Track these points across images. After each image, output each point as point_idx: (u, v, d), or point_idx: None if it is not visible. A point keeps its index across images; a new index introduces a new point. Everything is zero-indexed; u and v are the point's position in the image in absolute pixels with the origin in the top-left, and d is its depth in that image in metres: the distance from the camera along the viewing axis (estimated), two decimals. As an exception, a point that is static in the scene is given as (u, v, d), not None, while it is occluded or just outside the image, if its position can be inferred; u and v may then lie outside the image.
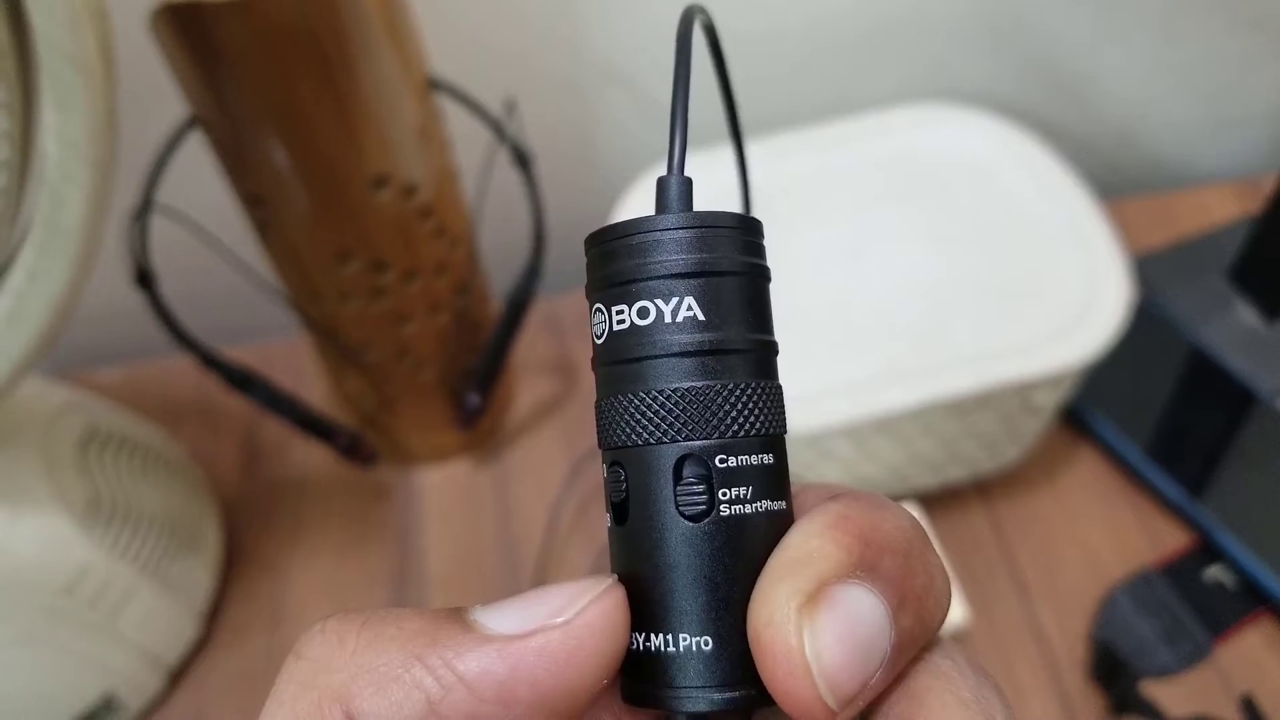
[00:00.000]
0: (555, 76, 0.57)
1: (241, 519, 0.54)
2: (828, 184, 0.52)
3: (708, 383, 0.16)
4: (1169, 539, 0.50)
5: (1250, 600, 0.48)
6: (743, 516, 0.16)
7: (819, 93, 0.64)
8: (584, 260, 0.18)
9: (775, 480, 0.17)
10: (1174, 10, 0.62)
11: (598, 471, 0.54)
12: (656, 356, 0.16)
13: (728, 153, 0.53)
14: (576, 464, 0.55)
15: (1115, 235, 0.47)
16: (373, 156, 0.41)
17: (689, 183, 0.17)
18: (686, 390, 0.16)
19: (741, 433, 0.16)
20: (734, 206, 0.19)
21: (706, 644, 0.16)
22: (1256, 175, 0.66)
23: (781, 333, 0.18)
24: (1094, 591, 0.49)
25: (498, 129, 0.46)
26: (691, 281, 0.16)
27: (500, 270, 0.54)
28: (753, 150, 0.54)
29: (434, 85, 0.44)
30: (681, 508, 0.16)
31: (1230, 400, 0.53)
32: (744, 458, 0.16)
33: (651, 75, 0.59)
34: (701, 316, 0.16)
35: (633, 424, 0.16)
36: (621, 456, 0.17)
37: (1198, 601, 0.48)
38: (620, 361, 0.17)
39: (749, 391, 0.17)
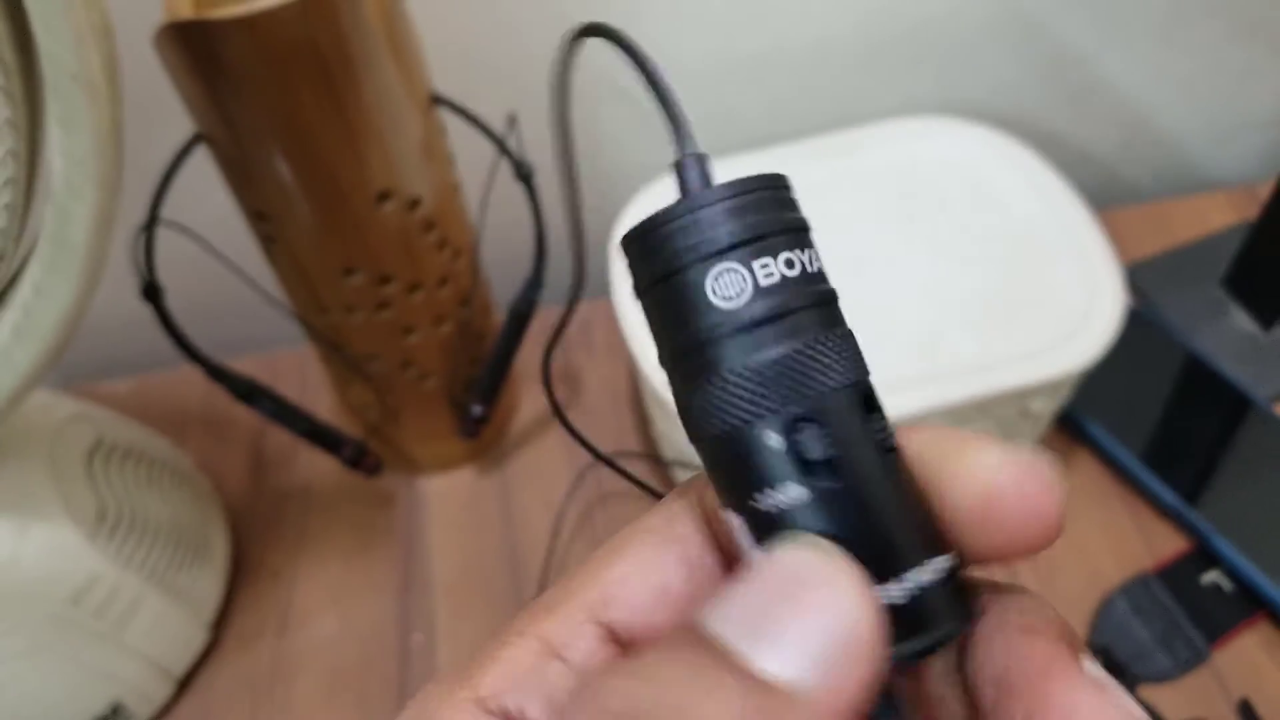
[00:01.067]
0: (556, 92, 0.58)
1: (248, 528, 0.55)
2: (828, 196, 0.53)
3: (846, 327, 0.17)
4: (1166, 544, 0.51)
5: (1247, 605, 0.48)
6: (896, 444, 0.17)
7: (822, 110, 0.64)
8: (579, 270, 0.18)
9: None
10: (1174, 19, 0.62)
11: (600, 479, 0.55)
12: (815, 305, 0.16)
13: (724, 167, 0.53)
14: (580, 472, 0.55)
15: (1111, 245, 0.48)
16: (376, 171, 0.41)
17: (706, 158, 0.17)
18: (847, 332, 0.17)
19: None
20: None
21: (945, 561, 0.16)
22: (1254, 183, 0.66)
23: None
24: (1091, 596, 0.49)
25: (499, 143, 0.46)
26: (808, 234, 0.17)
27: (503, 281, 0.54)
28: (753, 162, 0.54)
29: (436, 100, 0.44)
30: (883, 442, 0.16)
31: (1226, 406, 0.54)
32: (876, 392, 0.17)
33: (645, 93, 0.60)
34: (822, 267, 0.17)
35: (829, 369, 0.16)
36: (814, 409, 0.15)
37: (1195, 606, 0.48)
38: (781, 315, 0.16)
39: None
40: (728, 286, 0.16)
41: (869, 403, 0.16)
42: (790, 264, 0.16)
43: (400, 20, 0.40)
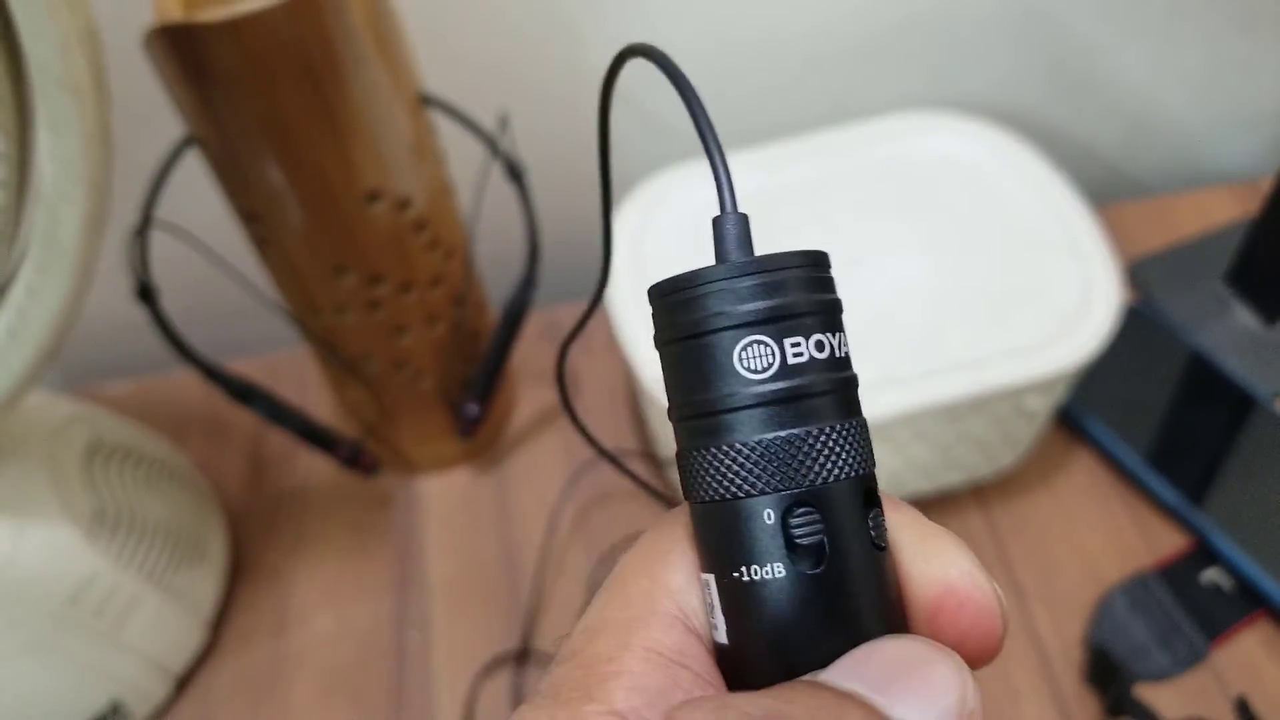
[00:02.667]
0: (548, 90, 0.58)
1: (247, 528, 0.55)
2: (824, 191, 0.53)
3: (862, 416, 0.17)
4: (1165, 542, 0.50)
5: (1247, 603, 0.47)
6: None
7: (818, 102, 0.64)
8: (575, 270, 0.18)
9: None
10: (1177, 12, 0.62)
11: (596, 479, 0.55)
12: (836, 391, 0.16)
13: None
14: (576, 472, 0.55)
15: (1108, 241, 0.47)
16: (366, 172, 0.41)
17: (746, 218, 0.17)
18: (863, 422, 0.17)
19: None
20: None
21: None
22: (1257, 177, 0.65)
23: None
24: (1090, 595, 0.49)
25: (491, 143, 0.46)
26: (840, 317, 0.17)
27: (497, 281, 0.55)
28: (750, 158, 0.54)
29: (426, 101, 0.44)
30: (875, 540, 0.16)
31: (1228, 403, 0.53)
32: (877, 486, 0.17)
33: (644, 88, 0.59)
34: (849, 353, 0.17)
35: (838, 457, 0.16)
36: (815, 496, 0.16)
37: (1194, 604, 0.48)
38: (801, 396, 0.16)
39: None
40: (755, 359, 0.16)
41: (869, 497, 0.16)
42: (821, 346, 0.16)
43: (388, 20, 0.40)
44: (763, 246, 0.17)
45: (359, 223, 0.43)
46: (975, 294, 0.47)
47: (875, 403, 0.43)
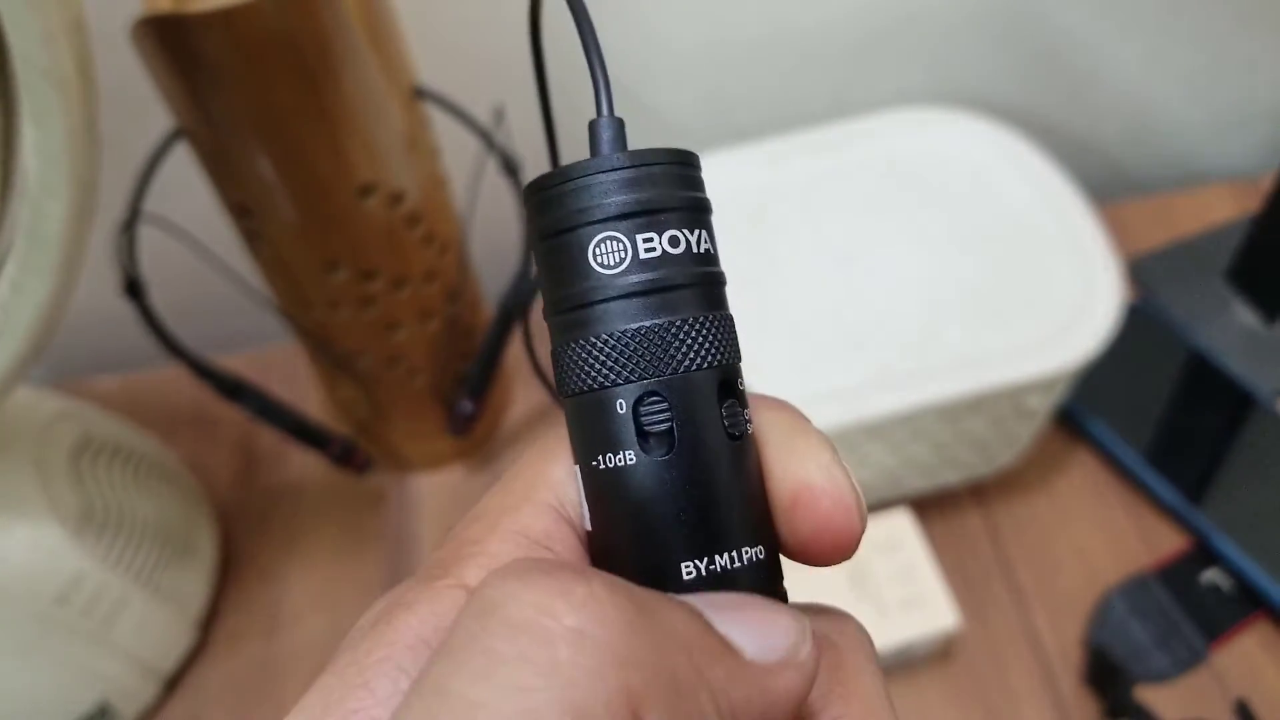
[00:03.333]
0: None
1: (237, 527, 0.54)
2: (822, 188, 0.52)
3: (726, 311, 0.17)
4: (1165, 542, 0.50)
5: (1247, 604, 0.47)
6: (750, 430, 0.17)
7: (816, 97, 0.63)
8: None
9: None
10: (1176, 9, 0.61)
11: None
12: (694, 285, 0.16)
13: (718, 159, 0.53)
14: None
15: (1109, 239, 0.47)
16: (358, 165, 0.41)
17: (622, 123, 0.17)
18: (725, 317, 0.17)
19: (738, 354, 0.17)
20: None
21: (760, 554, 0.17)
22: (1257, 174, 0.65)
23: (774, 338, 0.19)
24: (1089, 596, 0.48)
25: (486, 137, 0.46)
26: (704, 216, 0.17)
27: (493, 276, 0.54)
28: (747, 154, 0.53)
29: (420, 93, 0.44)
30: (730, 429, 0.17)
31: (1228, 402, 0.53)
32: (742, 380, 0.17)
33: (644, 81, 0.59)
34: (712, 250, 0.17)
35: (693, 348, 0.16)
36: (666, 385, 0.16)
37: (1194, 605, 0.47)
38: (653, 290, 0.16)
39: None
40: (608, 254, 0.16)
41: (727, 387, 0.17)
42: (675, 241, 0.16)
43: (382, 12, 0.39)
44: (760, 245, 0.17)
45: (351, 217, 0.42)
46: (974, 291, 0.47)
47: (873, 401, 0.43)
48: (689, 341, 0.16)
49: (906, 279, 0.48)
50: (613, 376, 0.16)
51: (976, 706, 0.45)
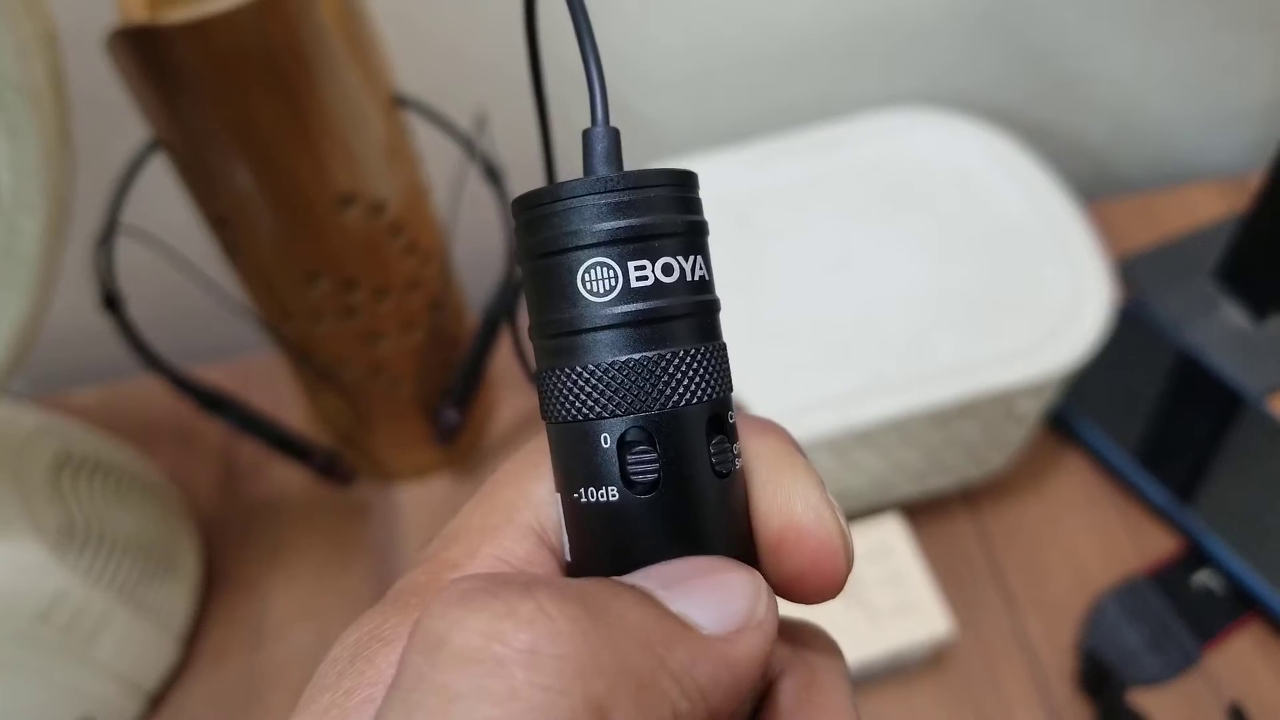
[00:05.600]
0: (527, 89, 0.57)
1: (220, 540, 0.54)
2: (810, 192, 0.52)
3: (720, 340, 0.16)
4: (1157, 545, 0.50)
5: (1239, 605, 0.47)
6: (738, 466, 0.17)
7: (804, 97, 0.63)
8: None
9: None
10: (1162, 9, 0.61)
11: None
12: (687, 315, 0.16)
13: (705, 163, 0.52)
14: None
15: (1098, 241, 0.47)
16: (338, 175, 0.40)
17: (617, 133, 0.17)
18: (718, 347, 0.16)
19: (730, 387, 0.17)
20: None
21: None
22: (1244, 172, 0.65)
23: (763, 344, 0.18)
24: (1081, 600, 0.48)
25: (468, 144, 0.45)
26: (700, 240, 0.16)
27: (476, 285, 0.53)
28: (735, 157, 0.53)
29: (401, 101, 0.43)
30: (717, 466, 0.16)
31: (1218, 402, 0.53)
32: (733, 411, 0.17)
33: (630, 85, 0.58)
34: (707, 276, 0.16)
35: (682, 383, 0.16)
36: (653, 421, 0.15)
37: (1186, 608, 0.47)
38: (644, 321, 0.15)
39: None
40: (598, 281, 0.15)
41: (716, 422, 0.16)
42: (669, 269, 0.16)
43: (360, 20, 0.39)
44: (748, 249, 0.16)
45: (332, 227, 0.41)
46: (964, 296, 0.47)
47: (862, 408, 0.42)
48: (679, 376, 0.15)
49: (895, 283, 0.48)
50: (598, 409, 0.15)
51: (969, 713, 0.45)
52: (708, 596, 0.15)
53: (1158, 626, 0.47)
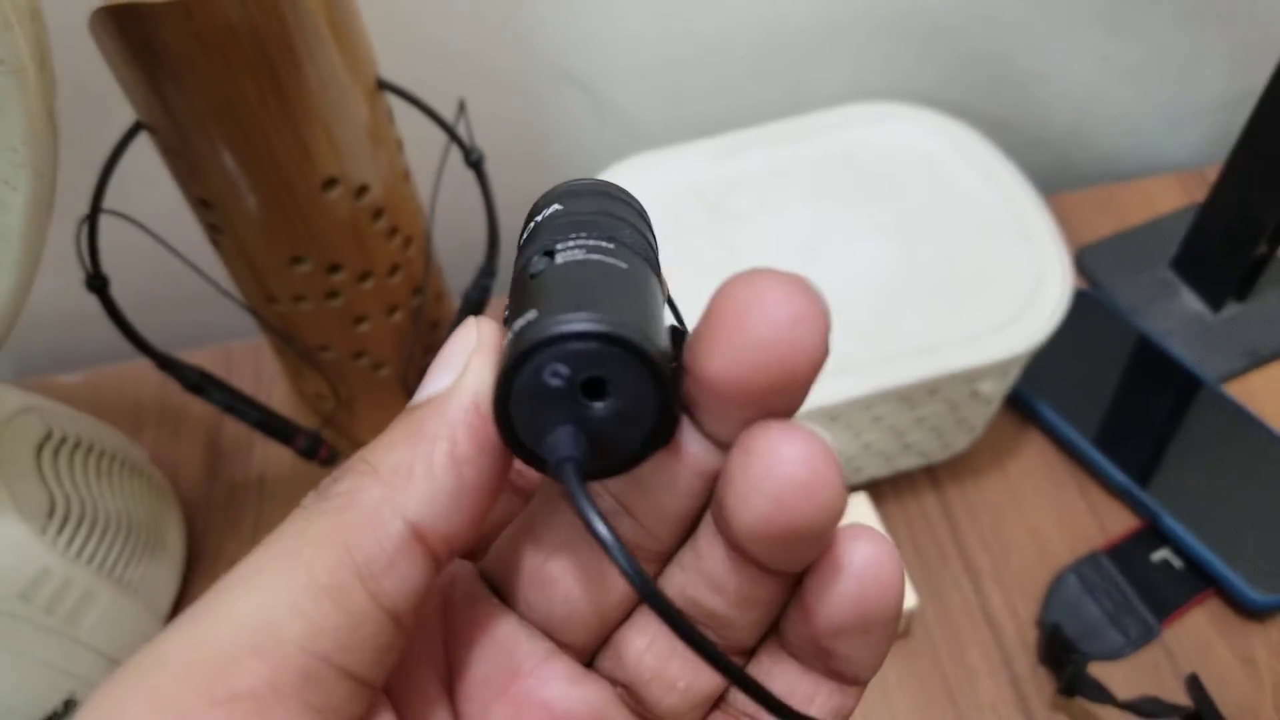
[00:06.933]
0: (508, 76, 0.58)
1: (204, 520, 0.55)
2: (778, 181, 0.53)
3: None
4: (1117, 522, 0.51)
5: (1197, 582, 0.48)
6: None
7: (770, 91, 0.64)
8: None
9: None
10: (1119, 5, 0.63)
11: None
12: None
13: (678, 153, 0.53)
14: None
15: (1058, 228, 0.48)
16: (321, 158, 0.41)
17: None
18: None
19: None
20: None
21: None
22: (1203, 166, 0.67)
23: None
24: (1043, 575, 0.49)
25: (448, 130, 0.46)
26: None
27: (457, 269, 0.54)
28: (704, 147, 0.54)
29: (383, 86, 0.44)
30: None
31: (1176, 387, 0.54)
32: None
33: (604, 75, 0.60)
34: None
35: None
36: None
37: (1145, 584, 0.49)
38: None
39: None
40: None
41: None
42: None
43: (343, 3, 0.40)
44: (719, 237, 0.18)
45: (315, 210, 0.42)
46: (929, 281, 0.48)
47: (832, 388, 0.44)
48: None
49: (863, 268, 0.49)
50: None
51: (935, 685, 0.46)
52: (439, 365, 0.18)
53: (1118, 601, 0.48)
